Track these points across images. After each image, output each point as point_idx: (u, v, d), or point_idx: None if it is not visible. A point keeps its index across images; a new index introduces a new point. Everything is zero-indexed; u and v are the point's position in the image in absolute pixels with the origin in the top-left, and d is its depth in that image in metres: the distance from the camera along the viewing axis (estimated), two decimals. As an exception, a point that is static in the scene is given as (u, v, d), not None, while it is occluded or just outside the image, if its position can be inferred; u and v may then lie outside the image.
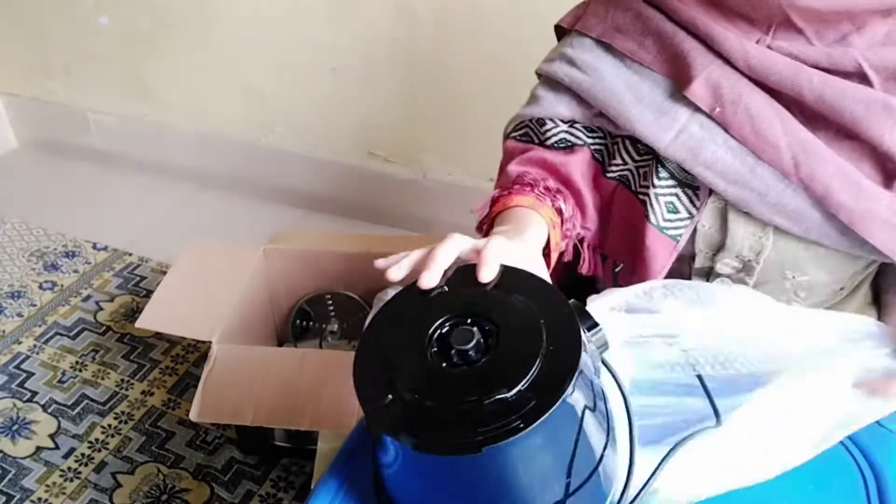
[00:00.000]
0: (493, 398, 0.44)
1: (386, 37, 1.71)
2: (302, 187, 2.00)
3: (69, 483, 1.33)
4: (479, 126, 1.73)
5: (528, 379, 0.44)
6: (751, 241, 0.73)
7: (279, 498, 1.31)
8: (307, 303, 1.55)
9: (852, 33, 0.63)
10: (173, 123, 2.07)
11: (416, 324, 0.49)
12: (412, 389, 0.46)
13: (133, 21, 1.94)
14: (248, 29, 1.83)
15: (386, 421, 0.45)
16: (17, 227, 1.97)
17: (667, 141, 0.69)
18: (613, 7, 0.74)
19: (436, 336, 0.49)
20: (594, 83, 0.72)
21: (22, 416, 1.45)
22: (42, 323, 1.67)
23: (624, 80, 0.71)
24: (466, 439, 0.43)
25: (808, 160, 0.65)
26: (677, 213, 0.73)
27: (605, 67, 0.72)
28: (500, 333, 0.47)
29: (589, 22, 0.75)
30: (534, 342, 0.46)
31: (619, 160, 0.76)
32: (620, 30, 0.72)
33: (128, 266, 1.84)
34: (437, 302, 0.52)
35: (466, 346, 0.46)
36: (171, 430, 1.43)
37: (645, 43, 0.71)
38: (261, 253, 1.45)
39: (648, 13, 0.71)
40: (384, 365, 0.48)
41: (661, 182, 0.72)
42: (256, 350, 1.30)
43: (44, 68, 2.14)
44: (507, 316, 0.48)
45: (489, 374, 0.46)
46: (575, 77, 0.73)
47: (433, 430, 0.44)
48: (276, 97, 1.91)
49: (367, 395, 0.47)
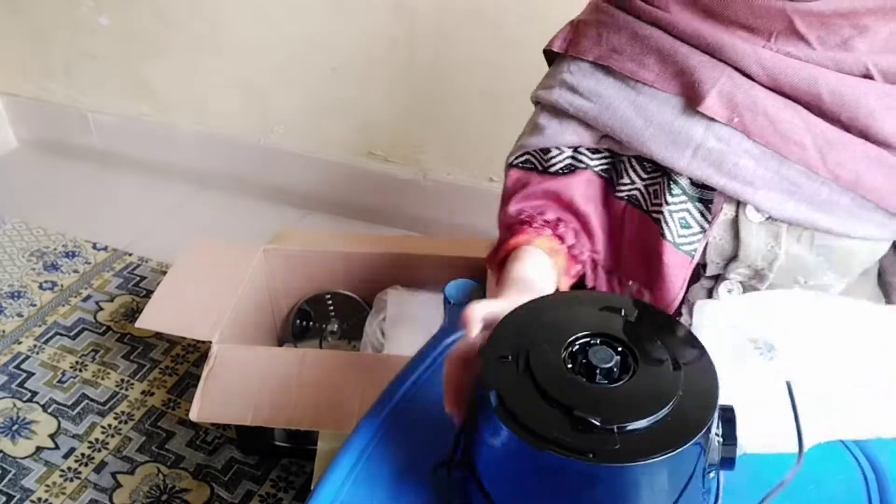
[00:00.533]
0: (623, 422, 0.46)
1: (386, 36, 1.71)
2: (302, 187, 2.00)
3: (69, 483, 1.33)
4: (479, 126, 1.74)
5: (661, 416, 0.46)
6: (763, 252, 0.72)
7: (279, 498, 1.31)
8: (307, 303, 1.55)
9: (854, 37, 0.63)
10: (173, 123, 2.07)
11: (559, 330, 0.52)
12: (549, 387, 0.48)
13: (133, 21, 1.94)
14: (249, 29, 1.83)
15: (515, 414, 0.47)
16: (17, 227, 1.97)
17: (686, 160, 0.68)
18: (606, 28, 0.72)
19: (575, 346, 0.51)
20: (601, 110, 0.71)
21: (22, 416, 1.45)
22: (42, 323, 1.67)
23: (630, 102, 0.70)
24: (581, 448, 0.45)
25: (832, 151, 0.65)
26: (690, 228, 0.72)
27: (609, 92, 0.71)
28: (637, 366, 0.50)
29: (582, 45, 0.73)
30: (670, 386, 0.48)
31: (626, 179, 0.75)
32: (617, 51, 0.70)
33: (128, 266, 1.84)
34: (583, 316, 0.54)
35: (606, 364, 0.49)
36: (171, 430, 1.42)
37: (645, 62, 0.69)
38: (261, 253, 1.45)
39: (645, 31, 0.69)
40: (521, 354, 0.50)
41: (674, 199, 0.71)
42: (256, 350, 1.30)
43: (44, 68, 2.14)
44: (648, 352, 0.51)
45: (624, 399, 0.48)
46: (580, 106, 0.72)
47: (553, 432, 0.46)
48: (276, 97, 1.91)
49: (500, 382, 0.48)
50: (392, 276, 1.48)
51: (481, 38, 1.61)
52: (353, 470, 0.60)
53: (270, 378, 1.19)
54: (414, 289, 1.45)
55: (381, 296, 1.45)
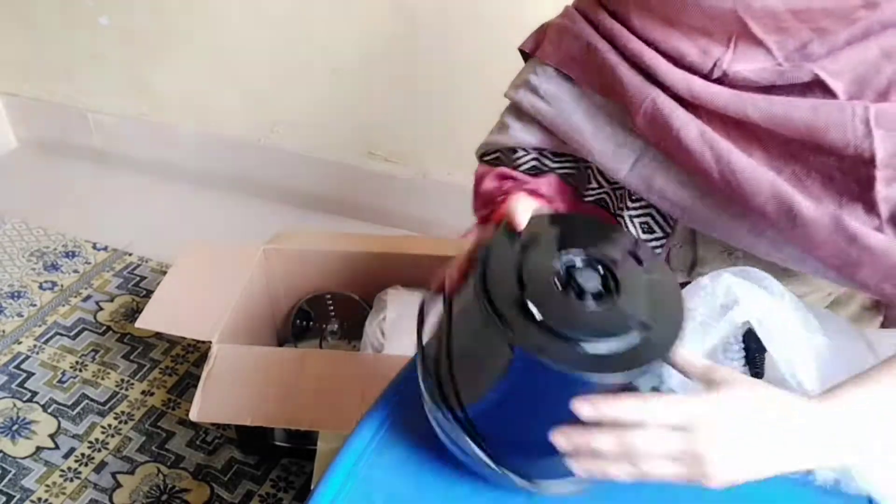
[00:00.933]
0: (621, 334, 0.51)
1: (386, 37, 1.71)
2: (302, 187, 2.00)
3: (69, 483, 1.33)
4: (479, 126, 1.72)
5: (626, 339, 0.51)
6: (721, 260, 0.73)
7: (279, 498, 1.31)
8: (307, 303, 1.55)
9: (813, 41, 0.60)
10: (173, 123, 2.07)
11: (547, 253, 0.56)
12: (547, 316, 0.51)
13: (133, 21, 1.94)
14: (249, 29, 1.83)
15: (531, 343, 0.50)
16: (17, 227, 1.97)
17: (624, 172, 0.69)
18: (567, 35, 0.73)
19: (563, 266, 0.55)
20: (556, 114, 0.73)
21: (22, 416, 1.45)
22: (42, 323, 1.67)
23: (583, 110, 0.71)
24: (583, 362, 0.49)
25: (739, 187, 0.63)
26: (653, 233, 0.73)
27: (566, 98, 0.72)
28: (619, 285, 0.54)
29: (547, 49, 0.74)
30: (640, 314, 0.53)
31: (594, 184, 0.76)
32: (574, 59, 0.72)
33: (128, 266, 1.84)
34: (570, 237, 0.58)
35: (594, 288, 0.53)
36: (171, 430, 1.43)
37: (591, 73, 0.70)
38: (261, 253, 1.45)
39: (596, 44, 0.69)
40: (519, 283, 0.53)
41: (634, 203, 0.73)
42: (256, 350, 1.30)
43: (44, 68, 2.14)
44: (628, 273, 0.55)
45: (615, 316, 0.52)
46: (540, 108, 0.74)
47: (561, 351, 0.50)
48: (276, 97, 1.91)
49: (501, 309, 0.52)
50: (392, 276, 1.48)
51: (481, 38, 1.61)
52: (353, 470, 0.60)
53: (270, 378, 1.19)
54: (414, 289, 1.45)
55: (381, 296, 1.45)
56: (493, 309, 0.51)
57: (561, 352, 0.49)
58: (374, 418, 0.65)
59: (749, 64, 0.62)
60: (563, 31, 0.73)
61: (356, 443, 0.62)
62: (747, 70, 0.62)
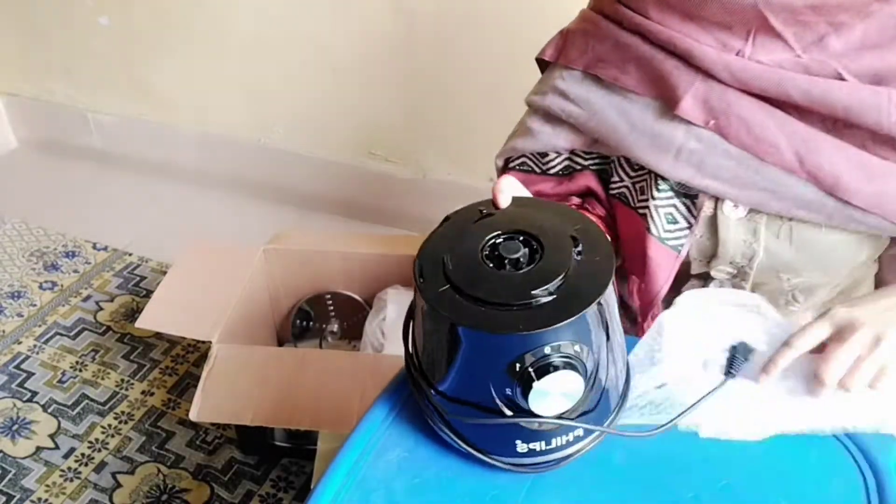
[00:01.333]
0: (532, 295, 0.53)
1: (386, 37, 1.71)
2: (302, 187, 2.00)
3: (69, 483, 1.33)
4: (478, 126, 1.73)
5: (562, 282, 0.53)
6: (742, 249, 0.73)
7: (279, 498, 1.31)
8: (307, 303, 1.55)
9: (829, 35, 0.63)
10: (173, 123, 2.07)
11: (472, 235, 0.59)
12: (464, 282, 0.55)
13: (133, 21, 1.94)
14: (249, 29, 1.83)
15: (441, 302, 0.54)
16: (17, 227, 1.97)
17: (668, 162, 0.70)
18: (592, 37, 0.74)
19: (489, 246, 0.58)
20: (589, 116, 0.74)
21: (22, 416, 1.45)
22: (42, 323, 1.67)
23: (616, 108, 0.72)
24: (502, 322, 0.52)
25: (810, 153, 0.66)
26: (676, 224, 0.74)
27: (597, 99, 0.73)
28: (542, 251, 0.56)
29: (571, 54, 0.76)
30: (567, 257, 0.55)
31: (616, 178, 0.77)
32: (602, 59, 0.73)
33: (128, 266, 1.84)
34: (490, 221, 0.61)
35: (514, 255, 0.55)
36: (171, 430, 1.43)
37: (627, 69, 0.71)
38: (261, 253, 1.45)
39: (626, 40, 0.71)
40: (442, 262, 0.57)
41: (661, 194, 0.73)
42: (256, 350, 1.30)
43: (44, 68, 2.14)
44: (546, 233, 0.58)
45: (532, 277, 0.54)
46: (571, 112, 0.75)
47: (477, 314, 0.53)
48: (276, 97, 1.91)
49: (427, 285, 0.56)
50: (392, 276, 1.48)
51: (481, 38, 1.61)
52: (353, 470, 0.60)
53: (270, 378, 1.19)
54: (414, 289, 1.45)
55: (381, 296, 1.45)
56: (420, 278, 0.56)
57: (471, 312, 0.53)
58: (374, 418, 0.65)
59: (769, 56, 0.65)
60: (588, 34, 0.75)
61: (356, 443, 0.62)
62: (769, 60, 0.64)
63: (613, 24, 0.72)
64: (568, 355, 0.53)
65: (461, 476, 0.60)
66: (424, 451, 0.62)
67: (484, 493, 0.59)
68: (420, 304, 0.58)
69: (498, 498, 0.59)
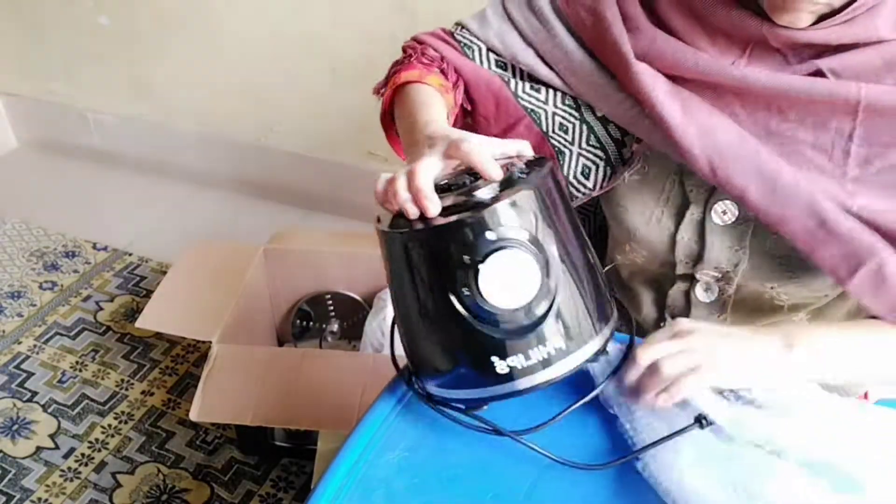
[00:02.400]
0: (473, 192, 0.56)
1: (386, 36, 1.70)
2: (302, 187, 2.00)
3: (69, 483, 1.33)
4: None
5: (500, 187, 0.56)
6: (728, 254, 0.73)
7: (279, 498, 1.31)
8: (307, 303, 1.55)
9: (827, 51, 0.64)
10: (173, 123, 2.07)
11: None
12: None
13: (133, 21, 1.94)
14: (249, 29, 1.83)
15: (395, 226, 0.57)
16: (17, 227, 1.97)
17: (612, 104, 0.71)
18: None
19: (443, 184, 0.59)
20: (548, 39, 0.74)
21: (22, 416, 1.45)
22: (42, 323, 1.67)
23: (578, 45, 0.73)
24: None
25: (723, 163, 0.66)
26: (588, 180, 0.76)
27: (560, 28, 0.74)
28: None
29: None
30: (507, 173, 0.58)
31: (541, 96, 0.77)
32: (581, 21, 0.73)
33: (128, 266, 1.84)
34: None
35: (459, 181, 0.58)
36: (171, 430, 1.43)
37: (584, 18, 0.72)
38: (261, 253, 1.45)
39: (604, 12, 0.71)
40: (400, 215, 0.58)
41: (588, 145, 0.75)
42: (256, 350, 1.30)
43: (44, 68, 2.14)
44: None
45: (474, 187, 0.57)
46: (532, 24, 0.75)
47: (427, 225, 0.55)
48: (276, 97, 1.91)
49: (382, 224, 0.59)
50: (392, 276, 1.47)
51: (481, 38, 1.61)
52: (353, 470, 0.60)
53: (270, 378, 1.19)
54: (414, 289, 1.45)
55: (381, 296, 1.45)
56: (378, 222, 0.59)
57: (420, 225, 0.55)
58: (373, 418, 0.65)
59: (762, 65, 0.66)
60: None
61: (356, 443, 0.63)
62: (760, 72, 0.65)
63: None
64: (508, 237, 0.53)
65: (461, 476, 0.60)
66: (424, 450, 0.62)
67: (484, 493, 0.59)
68: (382, 252, 0.59)
69: (498, 498, 0.59)
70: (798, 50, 0.65)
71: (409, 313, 0.60)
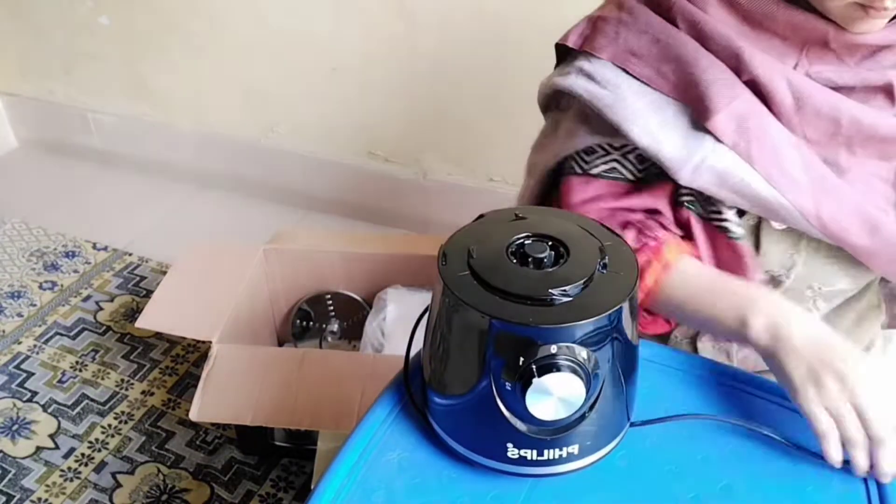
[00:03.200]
0: (549, 293, 0.53)
1: (386, 37, 1.71)
2: (302, 187, 2.00)
3: (69, 483, 1.33)
4: (479, 126, 1.74)
5: (581, 287, 0.53)
6: (782, 258, 0.72)
7: (279, 498, 1.31)
8: (307, 303, 1.55)
9: (882, 50, 0.64)
10: (173, 123, 2.07)
11: (494, 240, 0.59)
12: (485, 271, 0.55)
13: (133, 21, 1.94)
14: (249, 29, 1.83)
15: (458, 286, 0.55)
16: (17, 227, 1.97)
17: (691, 168, 0.66)
18: (626, 27, 0.68)
19: (516, 244, 0.58)
20: (615, 99, 0.67)
21: (22, 416, 1.45)
22: (42, 323, 1.67)
23: (647, 101, 0.67)
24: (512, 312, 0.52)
25: (827, 199, 0.65)
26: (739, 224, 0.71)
27: (626, 86, 0.67)
28: (567, 256, 0.56)
29: (598, 42, 0.69)
30: (591, 266, 0.55)
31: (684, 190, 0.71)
32: (635, 53, 0.67)
33: (128, 266, 1.84)
34: (522, 223, 0.60)
35: (538, 254, 0.56)
36: (171, 430, 1.43)
37: (663, 69, 0.66)
38: (261, 253, 1.45)
39: (668, 37, 0.66)
40: (468, 251, 0.57)
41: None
42: (256, 350, 1.30)
43: (44, 68, 2.14)
44: (575, 243, 0.57)
45: (551, 277, 0.55)
46: (595, 93, 0.67)
47: (491, 302, 0.53)
48: (276, 97, 1.91)
49: (448, 269, 0.57)
50: (392, 276, 1.48)
51: (482, 38, 1.61)
52: (353, 470, 0.60)
53: (270, 378, 1.19)
54: (414, 289, 1.45)
55: (381, 295, 1.45)
56: (443, 262, 0.57)
57: (485, 298, 0.53)
58: (373, 418, 0.65)
59: (825, 66, 0.65)
60: (621, 23, 0.69)
61: (356, 443, 0.62)
62: (829, 70, 0.64)
63: (655, 16, 0.67)
64: (573, 359, 0.52)
65: (461, 476, 0.60)
66: (424, 451, 0.62)
67: (484, 494, 0.59)
68: (437, 288, 0.58)
69: (499, 498, 0.59)
70: (852, 50, 0.64)
71: (443, 366, 0.59)
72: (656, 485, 0.59)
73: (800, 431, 0.61)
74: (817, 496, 0.59)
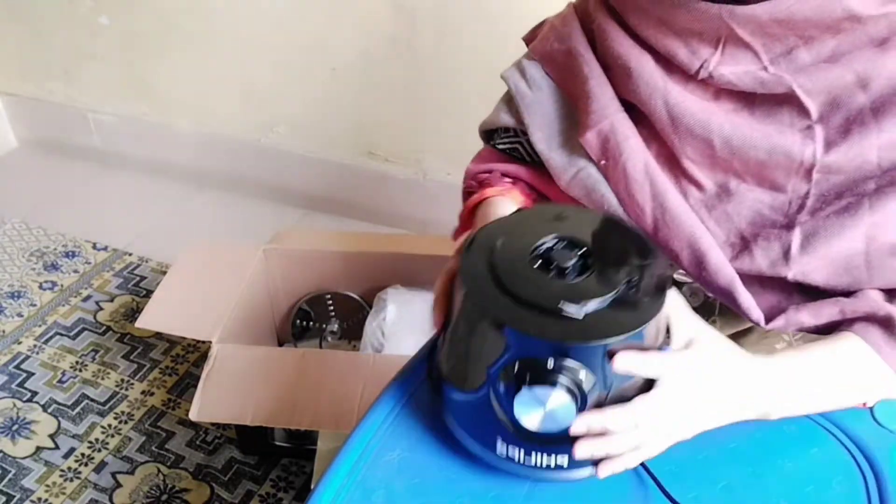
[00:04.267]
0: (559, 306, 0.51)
1: (386, 36, 1.71)
2: (302, 187, 2.00)
3: (69, 483, 1.33)
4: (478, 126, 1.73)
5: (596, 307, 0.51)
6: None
7: (279, 498, 1.31)
8: (307, 303, 1.55)
9: (799, 47, 0.60)
10: (173, 123, 2.07)
11: (523, 238, 0.57)
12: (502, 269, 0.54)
13: (133, 21, 1.94)
14: (248, 29, 1.83)
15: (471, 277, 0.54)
16: (17, 227, 1.97)
17: (566, 179, 0.71)
18: (555, 35, 0.75)
19: (541, 250, 0.56)
20: (534, 99, 0.75)
21: (22, 416, 1.45)
22: (42, 323, 1.67)
23: (558, 105, 0.74)
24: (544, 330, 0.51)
25: (665, 227, 0.66)
26: None
27: (546, 88, 0.75)
28: (595, 261, 0.55)
29: (534, 43, 0.77)
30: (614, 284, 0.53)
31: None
32: (554, 59, 0.74)
33: (128, 266, 1.84)
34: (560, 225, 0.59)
35: (562, 262, 0.54)
36: (171, 430, 1.43)
37: (566, 79, 0.73)
38: (261, 253, 1.45)
39: (578, 51, 0.71)
40: (493, 245, 0.56)
41: None
42: (256, 350, 1.30)
43: (44, 68, 2.14)
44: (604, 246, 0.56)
45: (568, 289, 0.53)
46: (520, 88, 0.76)
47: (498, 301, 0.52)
48: (276, 97, 1.91)
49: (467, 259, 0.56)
50: (392, 276, 1.48)
51: (481, 38, 1.61)
52: (353, 470, 0.60)
53: (270, 378, 1.19)
54: (414, 289, 1.45)
55: (381, 296, 1.45)
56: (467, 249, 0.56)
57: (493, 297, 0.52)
58: (373, 418, 0.65)
59: (735, 67, 0.62)
60: (552, 30, 0.76)
61: (356, 443, 0.62)
62: (731, 73, 0.62)
63: (577, 27, 0.72)
64: (570, 376, 0.51)
65: (461, 476, 0.60)
66: (424, 451, 0.62)
67: (484, 494, 0.59)
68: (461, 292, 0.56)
69: (499, 498, 0.59)
70: (768, 42, 0.61)
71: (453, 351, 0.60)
72: (656, 485, 0.59)
73: (799, 431, 0.61)
74: (817, 496, 0.59)
